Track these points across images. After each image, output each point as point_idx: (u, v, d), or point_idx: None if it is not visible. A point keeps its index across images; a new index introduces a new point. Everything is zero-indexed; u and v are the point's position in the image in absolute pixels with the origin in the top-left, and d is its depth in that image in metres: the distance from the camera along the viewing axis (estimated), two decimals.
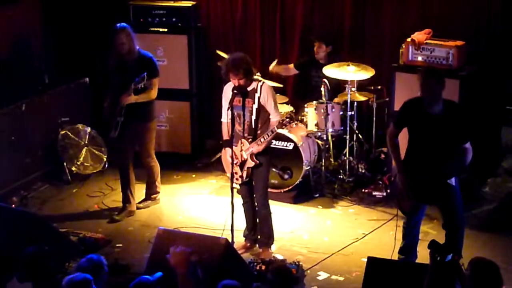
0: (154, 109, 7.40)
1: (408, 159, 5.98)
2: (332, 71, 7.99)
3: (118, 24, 7.12)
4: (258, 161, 6.42)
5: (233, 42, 8.98)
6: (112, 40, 7.09)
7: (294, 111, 8.27)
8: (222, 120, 6.57)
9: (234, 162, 6.30)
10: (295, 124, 8.02)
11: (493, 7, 7.82)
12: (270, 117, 6.38)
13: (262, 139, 6.31)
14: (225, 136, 6.50)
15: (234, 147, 6.31)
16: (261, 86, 6.37)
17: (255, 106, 6.35)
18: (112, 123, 7.14)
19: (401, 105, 6.02)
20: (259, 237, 6.74)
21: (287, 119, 6.40)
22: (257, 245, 6.75)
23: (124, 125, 7.13)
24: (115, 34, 7.05)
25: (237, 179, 6.45)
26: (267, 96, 6.35)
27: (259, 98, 6.34)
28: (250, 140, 6.39)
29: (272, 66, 8.37)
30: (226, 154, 6.60)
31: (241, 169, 6.46)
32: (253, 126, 6.40)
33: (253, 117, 6.38)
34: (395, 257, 6.23)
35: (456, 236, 5.92)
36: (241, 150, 6.40)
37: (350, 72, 7.90)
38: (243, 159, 6.42)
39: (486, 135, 7.69)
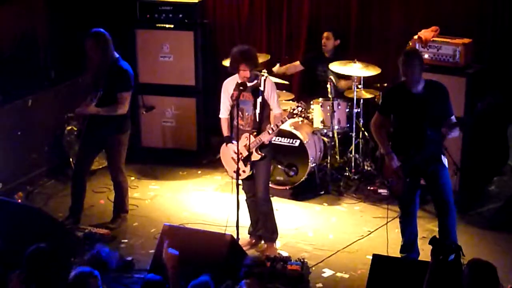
0: (128, 121, 6.98)
1: (396, 142, 6.10)
2: (338, 67, 7.99)
3: (93, 29, 6.74)
4: (263, 154, 6.42)
5: (239, 38, 8.94)
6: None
7: None
8: (220, 116, 6.56)
9: (239, 157, 6.31)
10: (301, 121, 8.00)
11: (500, 4, 7.79)
12: (272, 110, 6.42)
13: (274, 127, 6.31)
14: (226, 132, 6.54)
15: (238, 142, 6.30)
16: (265, 80, 6.42)
17: (259, 100, 6.37)
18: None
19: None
20: (262, 232, 6.73)
21: (299, 108, 6.26)
22: (262, 242, 6.74)
23: (92, 133, 6.86)
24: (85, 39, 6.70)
25: (240, 174, 6.41)
26: (271, 90, 6.39)
27: (263, 92, 6.36)
28: (255, 134, 6.39)
29: (276, 69, 8.34)
30: (225, 153, 6.60)
31: (245, 163, 6.45)
32: (257, 120, 6.41)
33: (257, 111, 6.39)
34: (390, 253, 6.22)
35: (448, 220, 6.01)
36: (246, 144, 6.39)
37: (356, 69, 7.89)
38: (250, 152, 6.40)
39: (493, 133, 7.66)
